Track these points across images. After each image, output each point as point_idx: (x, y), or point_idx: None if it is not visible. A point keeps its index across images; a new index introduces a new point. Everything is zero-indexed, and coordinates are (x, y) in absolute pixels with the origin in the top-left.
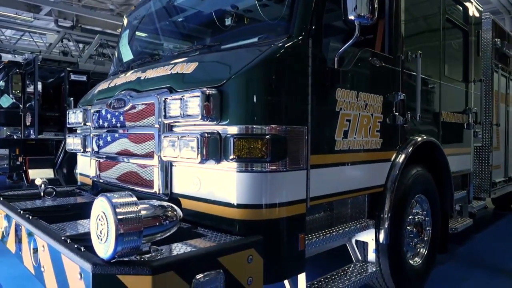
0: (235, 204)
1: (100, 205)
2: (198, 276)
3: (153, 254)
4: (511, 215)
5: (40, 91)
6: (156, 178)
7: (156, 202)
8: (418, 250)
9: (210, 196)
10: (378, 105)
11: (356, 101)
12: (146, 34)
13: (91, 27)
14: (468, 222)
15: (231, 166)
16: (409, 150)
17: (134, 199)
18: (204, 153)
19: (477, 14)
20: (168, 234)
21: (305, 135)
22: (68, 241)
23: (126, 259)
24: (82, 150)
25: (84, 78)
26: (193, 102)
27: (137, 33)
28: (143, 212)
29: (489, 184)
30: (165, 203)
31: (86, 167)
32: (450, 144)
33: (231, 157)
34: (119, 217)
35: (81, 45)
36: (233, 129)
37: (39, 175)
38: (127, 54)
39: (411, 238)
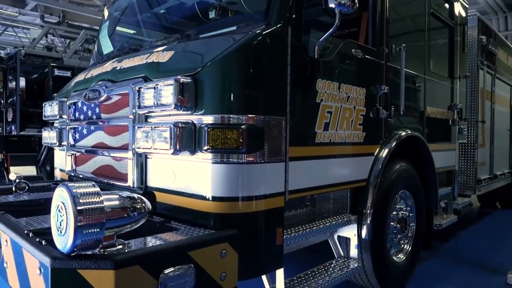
0: (210, 197)
1: (60, 195)
2: (167, 271)
3: (119, 247)
4: (496, 212)
5: (23, 86)
6: (131, 171)
7: (124, 193)
8: (402, 246)
9: (185, 189)
10: (361, 98)
11: (337, 93)
12: (126, 26)
13: (78, 23)
14: (452, 218)
15: (206, 157)
16: (393, 145)
17: (97, 189)
18: (177, 143)
19: (462, 11)
20: (136, 226)
21: (283, 126)
22: (30, 234)
23: (88, 252)
24: (57, 144)
25: (68, 73)
26: (167, 90)
27: (118, 24)
28: (107, 203)
29: (474, 181)
30: (134, 195)
31: (62, 161)
32: (434, 140)
33: (206, 147)
34: (78, 207)
35: (67, 41)
36: (208, 119)
37: (21, 173)
38: (107, 46)
39: (395, 234)
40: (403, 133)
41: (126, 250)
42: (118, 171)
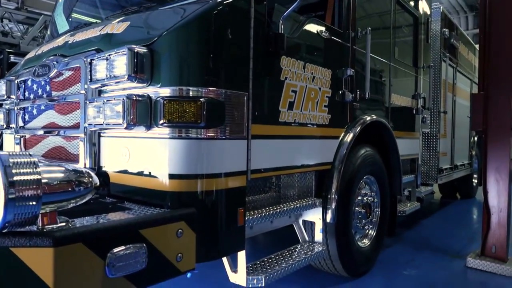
0: (167, 175)
1: None
2: (115, 250)
3: (61, 225)
4: (456, 202)
5: None
6: (82, 151)
7: (70, 166)
8: (367, 231)
9: (141, 168)
10: (327, 79)
11: (302, 72)
12: (82, 2)
13: (39, 10)
14: (416, 206)
15: (162, 132)
16: (358, 129)
17: (33, 159)
18: (131, 118)
19: (427, 2)
20: (82, 202)
21: (245, 102)
22: None
23: (24, 230)
24: (5, 126)
25: None
26: (120, 61)
27: (73, 1)
28: (46, 175)
29: (436, 171)
30: (81, 168)
31: (11, 145)
32: (399, 127)
33: (161, 121)
34: (10, 178)
35: (25, 27)
36: (165, 91)
37: None
38: (62, 25)
39: (360, 219)
40: (368, 118)
41: (70, 227)
42: (70, 152)
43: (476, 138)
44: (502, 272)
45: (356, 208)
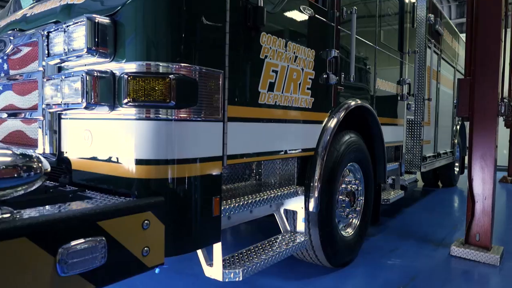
0: (134, 160)
1: None
2: (67, 245)
3: (3, 216)
4: (438, 191)
5: None
6: (41, 135)
7: (18, 150)
8: (350, 220)
9: (104, 152)
10: (310, 60)
11: (284, 51)
12: None
13: None
14: (400, 194)
15: (128, 113)
16: (342, 114)
17: None
18: (92, 96)
19: None
20: (30, 189)
21: (221, 81)
22: None
23: None
24: None
25: None
26: (78, 32)
27: None
28: None
29: (420, 159)
30: (31, 152)
31: None
32: (383, 113)
33: (125, 100)
34: None
35: None
36: (130, 67)
37: None
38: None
39: (343, 208)
40: (353, 103)
41: (15, 218)
42: (29, 137)
43: (458, 127)
44: (486, 260)
45: (340, 197)
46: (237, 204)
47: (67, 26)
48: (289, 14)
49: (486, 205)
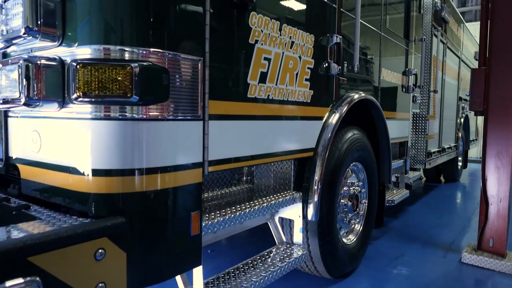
0: (90, 170)
1: None
2: None
3: None
4: (441, 186)
5: None
6: None
7: None
8: (353, 226)
9: (55, 159)
10: (309, 47)
11: (278, 36)
12: None
13: None
14: (405, 193)
15: (82, 110)
16: (345, 109)
17: None
18: (34, 90)
19: None
20: None
21: (201, 71)
22: None
23: None
24: None
25: None
26: (16, 9)
27: None
28: None
29: (425, 155)
30: None
31: None
32: (388, 107)
33: (74, 95)
34: None
35: None
36: (84, 52)
37: None
38: None
39: (345, 213)
40: (356, 96)
41: None
42: None
43: (462, 120)
44: (502, 269)
45: (342, 201)
46: (222, 219)
47: (5, 2)
48: None
49: (501, 207)
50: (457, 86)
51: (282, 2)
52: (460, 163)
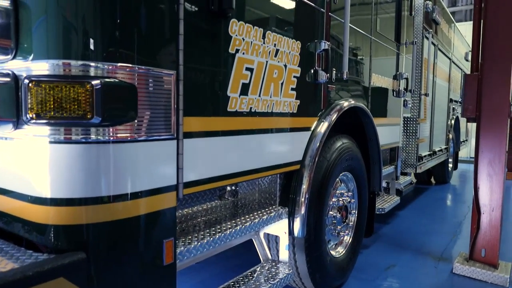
0: (48, 198)
1: None
2: None
3: None
4: (431, 188)
5: None
6: None
7: None
8: (342, 238)
9: (9, 185)
10: (295, 54)
11: (261, 44)
12: None
13: None
14: (395, 200)
15: (39, 133)
16: (334, 117)
17: None
18: None
19: None
20: None
21: (173, 85)
22: None
23: None
24: None
25: None
26: None
27: None
28: None
29: (416, 159)
30: None
31: None
32: (379, 113)
33: (28, 115)
34: None
35: None
36: (40, 67)
37: None
38: None
39: (334, 225)
40: (346, 103)
41: None
42: None
43: (453, 121)
44: (494, 280)
45: (330, 212)
46: (199, 244)
47: None
48: None
49: (493, 217)
50: (447, 88)
51: (265, 8)
52: (450, 165)
